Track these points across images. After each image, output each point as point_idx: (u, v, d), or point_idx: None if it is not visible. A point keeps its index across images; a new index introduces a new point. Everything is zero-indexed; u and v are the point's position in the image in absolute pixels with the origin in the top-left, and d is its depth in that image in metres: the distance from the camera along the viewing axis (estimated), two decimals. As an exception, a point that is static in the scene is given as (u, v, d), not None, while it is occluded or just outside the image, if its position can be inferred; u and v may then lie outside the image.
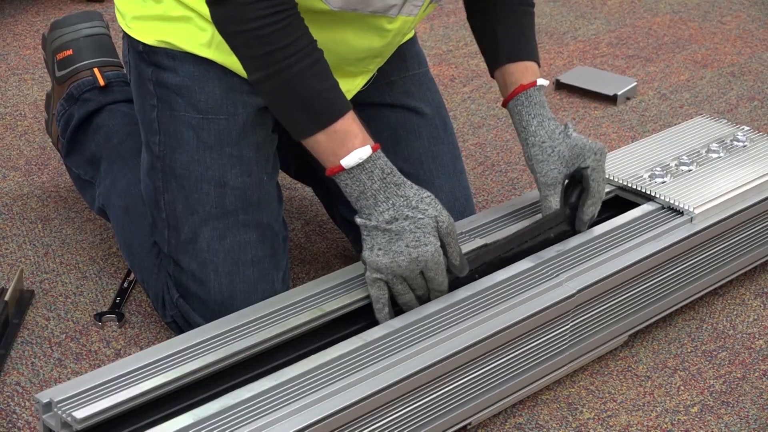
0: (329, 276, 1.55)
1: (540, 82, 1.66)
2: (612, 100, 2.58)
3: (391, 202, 1.46)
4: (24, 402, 1.57)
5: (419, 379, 1.38)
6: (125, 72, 1.95)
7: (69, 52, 1.98)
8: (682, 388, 1.63)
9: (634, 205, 1.76)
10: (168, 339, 1.49)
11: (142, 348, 1.69)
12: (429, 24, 3.01)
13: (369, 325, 1.47)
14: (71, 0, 3.04)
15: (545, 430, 1.54)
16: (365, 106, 1.77)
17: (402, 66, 1.80)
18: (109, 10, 2.92)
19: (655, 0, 3.27)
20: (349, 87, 1.70)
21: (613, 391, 1.62)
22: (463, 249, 1.60)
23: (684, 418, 1.57)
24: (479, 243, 1.63)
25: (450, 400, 1.45)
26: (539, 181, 1.64)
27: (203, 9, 1.58)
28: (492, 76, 1.71)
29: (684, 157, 1.85)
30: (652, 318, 1.70)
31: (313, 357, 1.38)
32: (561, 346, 1.57)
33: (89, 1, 3.03)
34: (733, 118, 2.51)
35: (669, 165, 1.84)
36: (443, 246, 1.48)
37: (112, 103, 1.92)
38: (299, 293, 1.51)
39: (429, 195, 1.47)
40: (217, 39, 1.59)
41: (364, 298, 1.51)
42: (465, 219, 1.70)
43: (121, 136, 1.87)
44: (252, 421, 1.28)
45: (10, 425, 1.52)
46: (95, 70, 1.95)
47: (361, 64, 1.68)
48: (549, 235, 1.64)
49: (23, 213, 2.03)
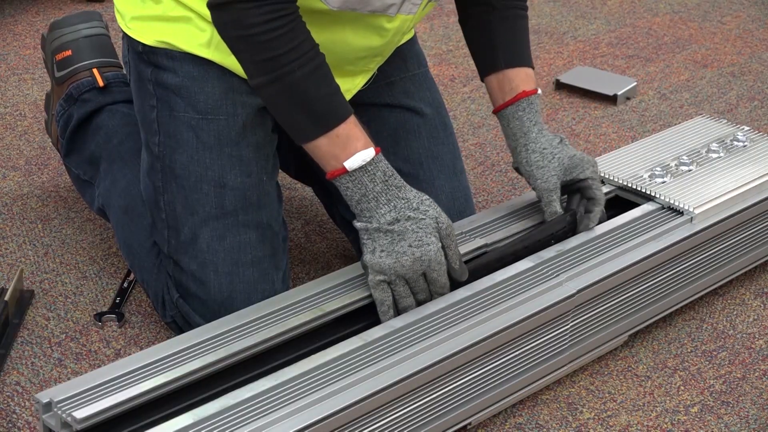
0: (329, 276, 1.55)
1: (539, 90, 1.67)
2: (612, 100, 2.57)
3: (393, 204, 1.46)
4: (24, 402, 1.57)
5: (419, 379, 1.38)
6: (125, 72, 1.95)
7: (68, 52, 1.98)
8: (682, 388, 1.63)
9: (634, 205, 1.76)
10: (168, 339, 1.49)
11: (142, 348, 1.69)
12: (429, 24, 3.01)
13: (369, 325, 1.47)
14: (71, 0, 3.04)
15: (545, 430, 1.54)
16: (365, 106, 1.77)
17: (402, 66, 1.80)
18: (109, 10, 2.92)
19: (655, 0, 3.27)
20: (349, 86, 1.70)
21: (613, 391, 1.62)
22: (464, 249, 1.61)
23: (684, 418, 1.57)
24: (479, 243, 1.63)
25: (450, 400, 1.45)
26: (540, 187, 1.65)
27: (202, 9, 1.58)
28: (482, 80, 1.71)
29: (684, 157, 1.85)
30: (652, 318, 1.70)
31: (313, 357, 1.38)
32: (561, 346, 1.56)
33: (89, 1, 3.03)
34: (733, 118, 2.51)
35: (669, 165, 1.84)
36: (443, 248, 1.48)
37: (111, 104, 1.92)
38: (299, 293, 1.51)
39: (428, 198, 1.48)
40: (216, 39, 1.59)
41: (364, 298, 1.51)
42: (465, 219, 1.70)
43: (121, 136, 1.87)
44: (252, 421, 1.28)
45: (10, 425, 1.52)
46: (94, 70, 1.95)
47: (361, 63, 1.68)
48: (550, 242, 1.64)
49: (23, 213, 2.03)
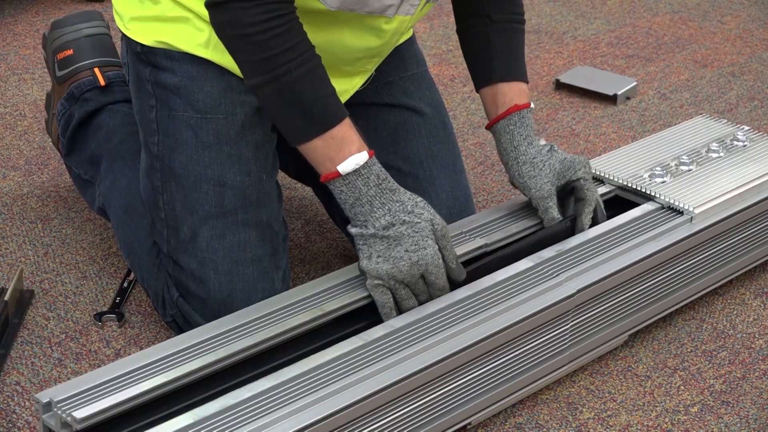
0: (329, 276, 1.55)
1: (531, 105, 1.68)
2: (612, 99, 2.57)
3: (387, 207, 1.46)
4: (24, 402, 1.57)
5: (419, 379, 1.38)
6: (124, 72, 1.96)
7: (69, 51, 1.98)
8: (682, 387, 1.63)
9: (634, 205, 1.76)
10: (168, 339, 1.49)
11: (142, 348, 1.69)
12: (429, 24, 3.01)
13: (369, 325, 1.47)
14: (71, 0, 3.04)
15: (545, 429, 1.54)
16: (365, 106, 1.77)
17: (401, 66, 1.81)
18: (109, 10, 2.92)
19: (655, 0, 3.27)
20: (347, 87, 1.70)
21: (613, 391, 1.62)
22: (464, 249, 1.61)
23: (684, 417, 1.57)
24: (480, 243, 1.63)
25: (450, 399, 1.45)
26: (535, 196, 1.65)
27: (200, 9, 1.58)
28: (477, 91, 1.71)
29: (684, 157, 1.85)
30: (652, 318, 1.70)
31: (313, 357, 1.38)
32: (561, 345, 1.56)
33: (89, 1, 3.03)
34: (733, 117, 2.51)
35: (669, 165, 1.84)
36: (440, 250, 1.48)
37: (112, 103, 1.92)
38: (299, 293, 1.51)
39: (422, 200, 1.49)
40: (215, 39, 1.59)
41: (364, 298, 1.51)
42: (465, 218, 1.70)
43: (122, 135, 1.87)
44: (252, 421, 1.28)
45: (10, 425, 1.52)
46: (96, 69, 1.95)
47: (359, 63, 1.68)
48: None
49: (23, 213, 2.03)
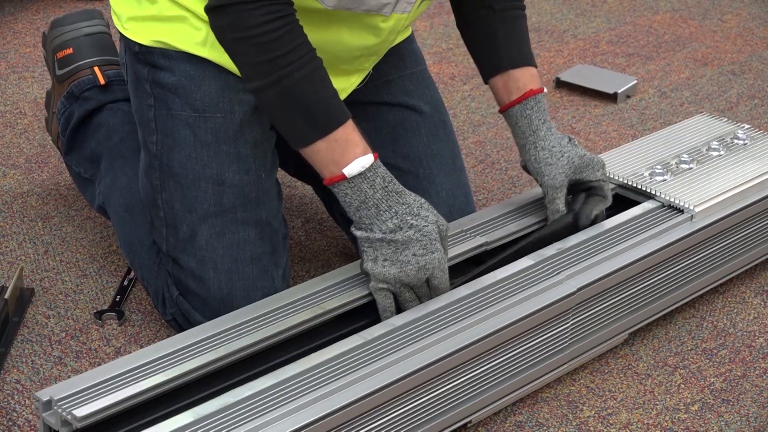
0: (329, 274, 1.55)
1: (545, 89, 1.67)
2: (612, 98, 2.57)
3: (394, 210, 1.46)
4: (24, 400, 1.57)
5: (419, 377, 1.38)
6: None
7: (69, 50, 1.98)
8: (682, 386, 1.63)
9: (634, 203, 1.76)
10: (168, 337, 1.49)
11: (142, 346, 1.69)
12: (429, 22, 3.01)
13: (369, 324, 1.47)
14: (71, -2, 3.04)
15: (545, 428, 1.54)
16: (364, 104, 1.77)
17: (400, 64, 1.80)
18: (109, 8, 2.92)
19: (656, -2, 3.27)
20: (345, 85, 1.69)
21: (614, 389, 1.62)
22: (464, 248, 1.61)
23: (684, 416, 1.57)
24: (480, 241, 1.63)
25: (450, 398, 1.45)
26: (546, 184, 1.65)
27: (198, 8, 1.58)
28: (486, 82, 1.71)
29: (684, 156, 1.85)
30: (652, 316, 1.70)
31: (313, 355, 1.38)
32: (561, 344, 1.56)
33: (89, 0, 3.02)
34: (734, 116, 2.51)
35: (669, 163, 1.84)
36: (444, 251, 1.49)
37: (112, 102, 1.92)
38: (299, 291, 1.51)
39: (426, 201, 1.49)
40: (212, 38, 1.59)
41: (364, 296, 1.51)
42: (465, 217, 1.70)
43: (122, 134, 1.87)
44: (252, 420, 1.28)
45: (10, 423, 1.52)
46: (96, 68, 1.95)
47: (356, 62, 1.68)
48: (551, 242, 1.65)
49: (23, 211, 2.03)
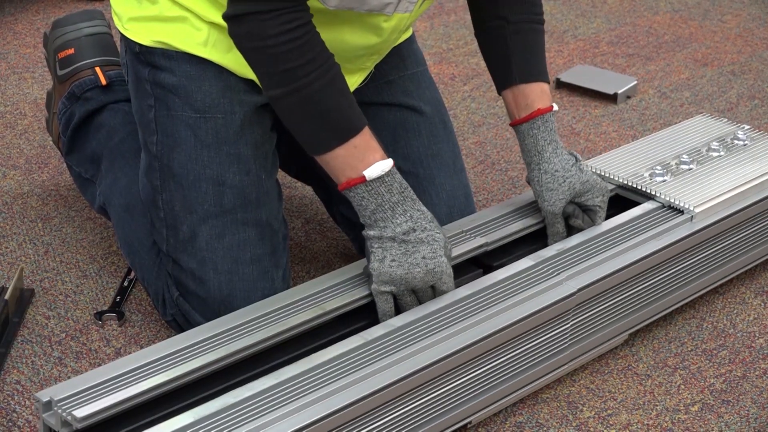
0: (329, 275, 1.55)
1: (555, 107, 1.67)
2: (612, 98, 2.57)
3: (409, 214, 1.47)
4: (24, 401, 1.57)
5: (419, 378, 1.38)
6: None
7: (71, 50, 1.98)
8: (682, 386, 1.63)
9: (634, 204, 1.76)
10: (168, 338, 1.49)
11: (142, 347, 1.69)
12: (429, 23, 3.01)
13: (369, 324, 1.47)
14: (71, -2, 3.04)
15: (545, 428, 1.54)
16: (365, 105, 1.77)
17: (400, 65, 1.80)
18: (109, 9, 2.92)
19: (656, -2, 3.27)
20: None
21: (614, 390, 1.62)
22: (464, 248, 1.61)
23: (684, 416, 1.57)
24: (480, 242, 1.63)
25: (450, 398, 1.45)
26: (546, 209, 1.65)
27: (199, 9, 1.58)
28: (499, 93, 1.71)
29: (684, 156, 1.85)
30: (652, 317, 1.70)
31: (314, 356, 1.38)
32: (561, 344, 1.56)
33: (90, 0, 3.02)
34: (734, 116, 2.51)
35: (669, 164, 1.84)
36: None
37: (113, 102, 1.92)
38: (299, 292, 1.51)
39: (432, 215, 1.50)
40: (213, 38, 1.59)
41: (364, 297, 1.51)
42: (465, 217, 1.70)
43: (123, 134, 1.87)
44: (252, 420, 1.28)
45: (10, 424, 1.52)
46: (97, 69, 1.95)
47: (359, 61, 1.68)
48: None
49: (23, 212, 2.03)
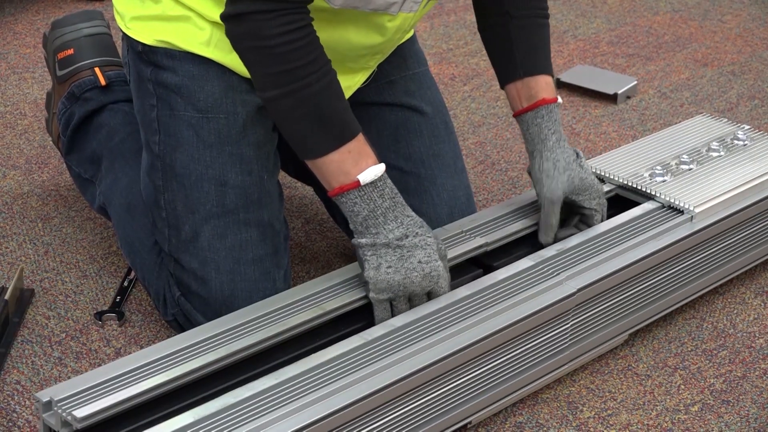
0: (329, 275, 1.55)
1: (559, 99, 1.67)
2: (612, 98, 2.57)
3: (400, 220, 1.46)
4: (24, 401, 1.57)
5: (419, 378, 1.38)
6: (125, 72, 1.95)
7: (70, 51, 1.98)
8: (682, 386, 1.63)
9: (634, 204, 1.76)
10: (168, 338, 1.49)
11: (142, 347, 1.69)
12: (429, 23, 3.01)
13: (369, 324, 1.47)
14: (71, -2, 3.04)
15: (545, 428, 1.54)
16: (366, 105, 1.77)
17: (402, 65, 1.80)
18: (110, 9, 2.91)
19: (656, -1, 3.27)
20: (349, 83, 1.69)
21: (614, 390, 1.62)
22: (465, 248, 1.61)
23: (684, 417, 1.57)
24: (480, 242, 1.63)
25: (450, 398, 1.45)
26: (544, 196, 1.64)
27: (201, 8, 1.58)
28: (502, 88, 1.71)
29: (684, 156, 1.85)
30: (652, 317, 1.70)
31: (314, 356, 1.38)
32: (561, 344, 1.56)
33: (90, 0, 3.02)
34: (734, 116, 2.51)
35: (669, 164, 1.84)
36: None
37: (113, 103, 1.92)
38: (299, 292, 1.51)
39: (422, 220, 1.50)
40: (216, 38, 1.59)
41: (364, 297, 1.51)
42: (466, 218, 1.70)
43: (123, 134, 1.87)
44: (252, 420, 1.28)
45: (10, 424, 1.52)
46: (96, 69, 1.95)
47: (362, 60, 1.68)
48: None
49: (23, 212, 2.03)
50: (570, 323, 1.56)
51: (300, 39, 1.41)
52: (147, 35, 1.63)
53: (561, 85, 2.63)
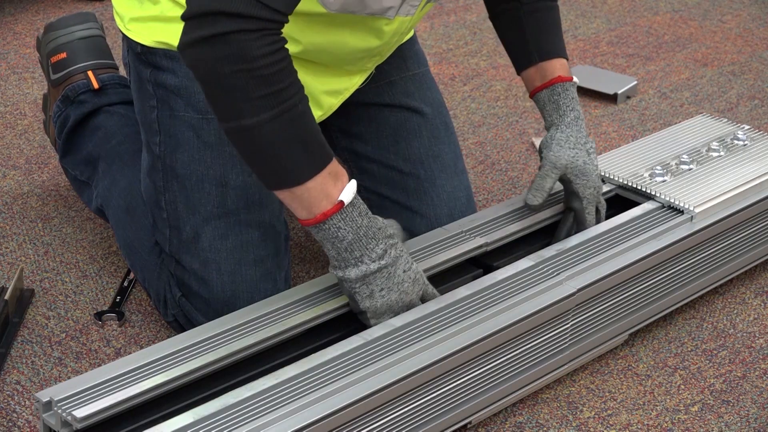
0: (329, 275, 1.55)
1: (575, 79, 1.67)
2: (612, 98, 2.57)
3: (377, 236, 1.42)
4: (24, 401, 1.57)
5: (419, 378, 1.38)
6: (120, 74, 1.95)
7: (63, 55, 1.97)
8: (682, 387, 1.63)
9: (634, 204, 1.76)
10: (168, 338, 1.49)
11: (142, 347, 1.69)
12: (429, 23, 3.01)
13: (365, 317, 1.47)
14: (71, -1, 3.04)
15: (545, 429, 1.54)
16: (365, 105, 1.77)
17: (402, 66, 1.80)
18: (107, 10, 2.92)
19: (656, -1, 3.28)
20: (347, 85, 1.69)
21: (614, 390, 1.62)
22: (465, 248, 1.61)
23: (684, 417, 1.57)
24: (480, 242, 1.63)
25: (450, 398, 1.45)
26: (548, 158, 1.65)
27: None
28: (519, 74, 1.72)
29: (684, 156, 1.85)
30: (652, 317, 1.70)
31: (314, 356, 1.38)
32: (561, 344, 1.57)
33: (90, 0, 3.02)
34: (734, 116, 2.51)
35: (669, 164, 1.84)
36: None
37: (108, 105, 1.92)
38: (299, 292, 1.51)
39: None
40: None
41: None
42: (466, 217, 1.70)
43: (120, 137, 1.87)
44: (252, 420, 1.28)
45: (10, 424, 1.52)
46: (89, 73, 1.94)
47: (360, 63, 1.68)
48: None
49: (23, 212, 2.03)
50: (570, 323, 1.56)
51: (283, 59, 1.33)
52: (146, 36, 1.63)
53: (561, 85, 2.63)
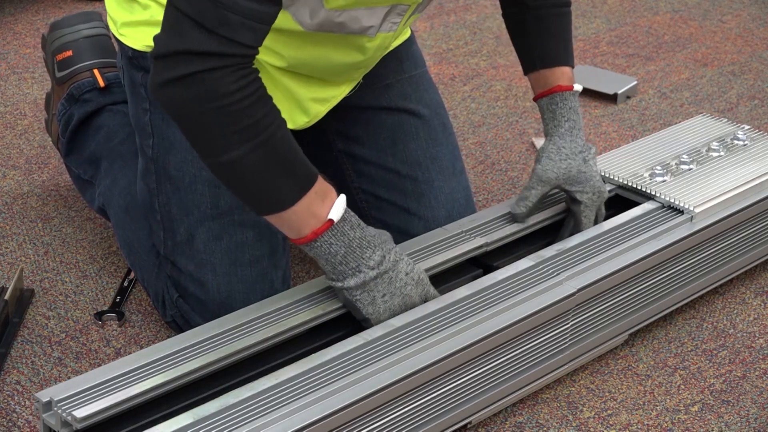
0: (329, 275, 1.55)
1: (576, 87, 1.67)
2: (612, 98, 2.57)
3: (373, 244, 1.42)
4: (24, 401, 1.57)
5: (419, 378, 1.38)
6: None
7: (69, 53, 1.97)
8: (682, 387, 1.63)
9: (634, 204, 1.76)
10: (168, 338, 1.49)
11: (142, 347, 1.69)
12: (429, 23, 3.01)
13: (369, 324, 1.47)
14: (71, -1, 3.04)
15: (545, 429, 1.54)
16: (362, 109, 1.77)
17: (398, 68, 1.80)
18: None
19: (656, -1, 3.28)
20: (335, 93, 1.67)
21: (614, 390, 1.62)
22: (464, 248, 1.61)
23: (684, 417, 1.57)
24: (480, 242, 1.63)
25: (450, 399, 1.45)
26: (536, 171, 1.65)
27: None
28: (525, 75, 1.73)
29: (684, 156, 1.85)
30: (652, 317, 1.70)
31: (313, 356, 1.38)
32: (561, 344, 1.56)
33: (90, 0, 3.02)
34: (734, 116, 2.51)
35: (669, 164, 1.84)
36: None
37: (112, 104, 1.92)
38: (299, 292, 1.51)
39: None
40: None
41: (364, 297, 1.51)
42: (466, 217, 1.70)
43: (122, 136, 1.87)
44: (252, 420, 1.28)
45: (10, 424, 1.52)
46: (95, 71, 1.95)
47: (345, 74, 1.66)
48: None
49: (23, 212, 2.03)
50: (570, 323, 1.56)
51: (255, 91, 1.33)
52: (137, 41, 1.63)
53: (561, 85, 2.63)
